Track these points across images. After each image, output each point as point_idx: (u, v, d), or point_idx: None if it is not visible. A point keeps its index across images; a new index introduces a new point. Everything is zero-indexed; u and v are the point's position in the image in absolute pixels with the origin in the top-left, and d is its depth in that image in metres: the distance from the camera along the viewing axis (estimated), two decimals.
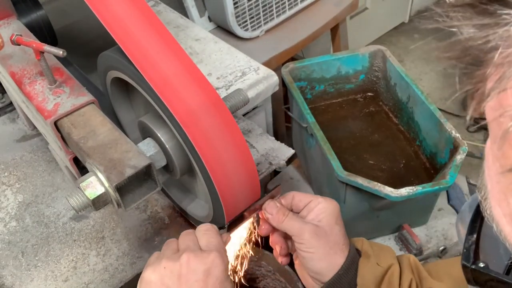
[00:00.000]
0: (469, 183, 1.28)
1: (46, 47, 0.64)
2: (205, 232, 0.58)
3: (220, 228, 0.62)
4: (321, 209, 0.63)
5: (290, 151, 0.89)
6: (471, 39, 0.27)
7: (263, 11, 1.42)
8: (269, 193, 0.66)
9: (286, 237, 0.67)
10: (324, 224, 0.62)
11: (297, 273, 0.67)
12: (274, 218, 0.63)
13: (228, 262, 0.56)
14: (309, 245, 0.61)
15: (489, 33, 0.25)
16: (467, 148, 1.01)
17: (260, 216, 0.67)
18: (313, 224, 0.61)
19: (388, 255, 0.65)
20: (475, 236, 0.41)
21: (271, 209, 0.64)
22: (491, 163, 0.31)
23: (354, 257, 0.63)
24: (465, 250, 0.41)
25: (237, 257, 0.74)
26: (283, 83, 1.20)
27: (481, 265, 0.39)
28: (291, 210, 0.65)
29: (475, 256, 0.40)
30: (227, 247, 0.60)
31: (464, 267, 0.40)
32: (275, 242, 0.67)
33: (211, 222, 0.70)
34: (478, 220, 0.42)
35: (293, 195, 0.65)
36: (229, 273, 0.56)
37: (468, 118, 0.29)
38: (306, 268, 0.63)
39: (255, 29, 1.43)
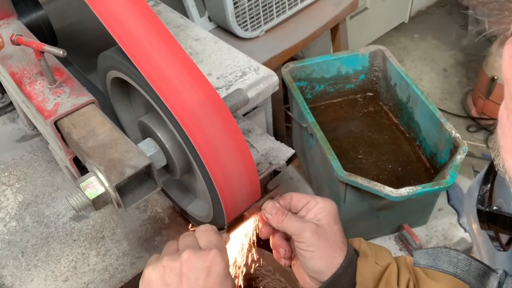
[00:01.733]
0: (474, 171, 1.28)
1: (46, 47, 0.64)
2: (205, 232, 0.58)
3: (220, 229, 0.62)
4: (320, 209, 0.63)
5: (290, 151, 0.89)
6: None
7: (263, 11, 1.42)
8: (268, 194, 0.66)
9: (287, 239, 0.67)
10: (324, 223, 0.62)
11: (295, 273, 0.67)
12: (273, 218, 0.63)
13: (228, 260, 0.56)
14: (309, 243, 0.61)
15: None
16: (467, 148, 1.01)
17: (259, 218, 0.67)
18: (313, 223, 0.62)
19: (386, 254, 0.66)
20: (489, 185, 0.43)
21: (271, 209, 0.64)
22: (506, 120, 0.33)
23: (352, 256, 0.63)
24: (479, 197, 0.42)
25: (234, 262, 0.75)
26: (283, 83, 1.20)
27: (495, 208, 0.41)
28: (290, 211, 0.65)
29: (489, 201, 0.42)
30: (227, 247, 0.60)
31: (479, 211, 0.42)
32: (278, 245, 0.67)
33: (211, 222, 0.70)
34: (491, 173, 0.44)
35: (291, 195, 0.65)
36: (230, 270, 0.56)
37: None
38: (305, 268, 0.64)
39: (255, 29, 1.43)
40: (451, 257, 0.45)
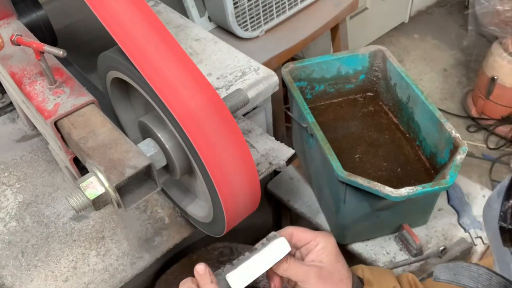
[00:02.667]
0: (492, 180, 1.28)
1: (46, 47, 0.64)
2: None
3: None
4: (321, 250, 0.62)
5: (290, 151, 0.89)
6: (504, 10, 0.27)
7: (263, 11, 1.42)
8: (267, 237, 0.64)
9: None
10: (327, 264, 0.61)
11: None
12: (278, 267, 0.61)
13: None
14: (314, 287, 0.60)
15: None
16: (467, 148, 1.01)
17: None
18: (316, 266, 0.61)
19: (389, 278, 0.65)
20: (511, 201, 0.43)
21: None
22: None
23: (358, 287, 0.63)
24: (501, 213, 0.42)
25: None
26: (283, 83, 1.20)
27: None
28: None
29: (511, 218, 0.42)
30: None
31: (501, 228, 0.42)
32: (273, 281, 0.65)
33: (211, 222, 0.70)
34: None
35: (291, 232, 0.63)
36: None
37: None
38: None
39: (255, 29, 1.43)
40: (471, 271, 0.45)
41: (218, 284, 0.58)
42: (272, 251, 0.60)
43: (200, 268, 0.59)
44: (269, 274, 0.64)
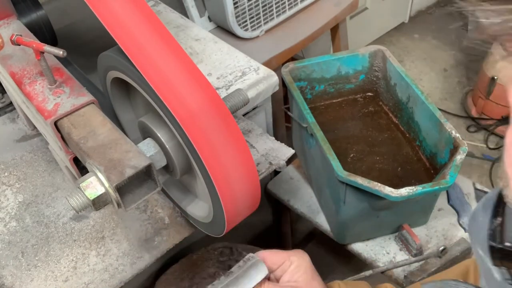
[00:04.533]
0: (476, 189, 1.29)
1: (46, 47, 0.64)
2: None
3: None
4: (295, 269, 0.61)
5: (290, 151, 0.89)
6: (491, 24, 0.27)
7: (263, 11, 1.42)
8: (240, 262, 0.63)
9: None
10: (302, 283, 0.61)
11: None
12: None
13: None
14: None
15: (508, 18, 0.26)
16: (467, 148, 1.01)
17: None
18: (291, 287, 0.60)
19: None
20: (499, 219, 0.42)
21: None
22: None
23: None
24: (491, 231, 0.42)
25: None
26: (283, 83, 1.20)
27: (508, 244, 0.41)
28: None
29: (500, 237, 0.41)
30: None
31: (491, 247, 0.41)
32: None
33: (211, 222, 0.70)
34: (501, 205, 0.44)
35: (263, 256, 0.62)
36: None
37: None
38: None
39: (255, 29, 1.43)
40: None
41: None
42: (250, 275, 0.59)
43: None
44: None
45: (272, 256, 0.62)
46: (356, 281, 0.68)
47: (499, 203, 0.44)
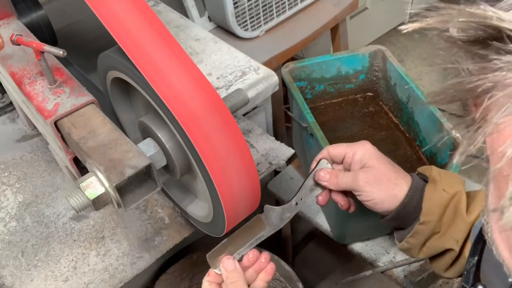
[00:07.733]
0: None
1: (46, 47, 0.64)
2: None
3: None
4: (359, 157, 0.67)
5: (290, 151, 0.89)
6: (462, 82, 0.27)
7: (263, 11, 1.42)
8: (313, 169, 0.70)
9: (344, 192, 0.71)
10: (370, 167, 0.66)
11: None
12: (330, 183, 0.68)
13: None
14: (366, 193, 0.65)
15: (480, 77, 0.26)
16: None
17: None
18: (360, 171, 0.66)
19: (456, 182, 0.67)
20: (476, 258, 0.42)
21: (324, 177, 0.69)
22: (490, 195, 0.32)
23: (417, 185, 0.66)
24: (465, 272, 0.41)
25: None
26: (283, 83, 1.20)
27: (480, 287, 0.40)
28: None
29: (474, 278, 0.41)
30: None
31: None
32: (336, 201, 0.72)
33: (211, 222, 0.70)
34: (480, 242, 0.43)
35: (327, 151, 0.69)
36: None
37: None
38: (375, 210, 0.68)
39: (255, 29, 1.43)
40: None
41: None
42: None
43: (229, 264, 0.62)
44: (332, 196, 0.71)
45: (333, 149, 0.69)
46: (451, 172, 0.70)
47: (479, 240, 0.43)
